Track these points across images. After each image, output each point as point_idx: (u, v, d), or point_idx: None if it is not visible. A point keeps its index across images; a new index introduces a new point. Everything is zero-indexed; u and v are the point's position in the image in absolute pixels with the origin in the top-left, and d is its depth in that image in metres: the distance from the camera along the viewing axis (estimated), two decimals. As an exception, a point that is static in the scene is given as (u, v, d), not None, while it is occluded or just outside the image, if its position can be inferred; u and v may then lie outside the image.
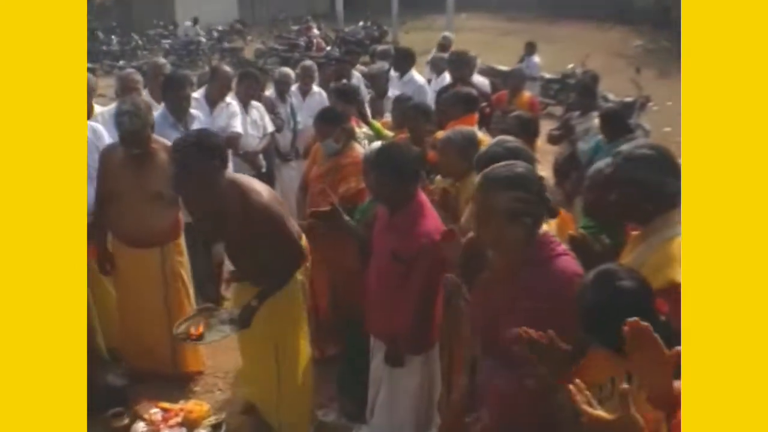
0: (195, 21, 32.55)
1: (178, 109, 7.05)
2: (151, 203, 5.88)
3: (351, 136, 6.35)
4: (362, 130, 7.10)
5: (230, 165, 5.95)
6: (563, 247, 3.47)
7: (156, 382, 6.25)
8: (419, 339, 4.86)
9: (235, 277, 5.55)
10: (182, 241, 6.36)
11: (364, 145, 6.50)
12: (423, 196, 4.83)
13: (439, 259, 4.45)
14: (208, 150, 4.63)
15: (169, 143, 5.79)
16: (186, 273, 6.39)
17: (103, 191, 5.96)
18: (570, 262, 3.39)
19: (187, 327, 5.04)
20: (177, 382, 6.42)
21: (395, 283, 4.74)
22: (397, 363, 4.89)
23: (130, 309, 6.30)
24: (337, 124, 6.20)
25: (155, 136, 6.04)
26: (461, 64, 9.28)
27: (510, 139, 4.56)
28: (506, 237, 3.36)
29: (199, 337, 4.98)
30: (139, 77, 7.81)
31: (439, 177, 5.65)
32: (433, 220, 4.71)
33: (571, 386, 2.50)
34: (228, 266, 6.43)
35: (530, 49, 17.39)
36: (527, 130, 6.14)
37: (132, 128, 5.70)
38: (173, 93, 7.07)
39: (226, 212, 4.80)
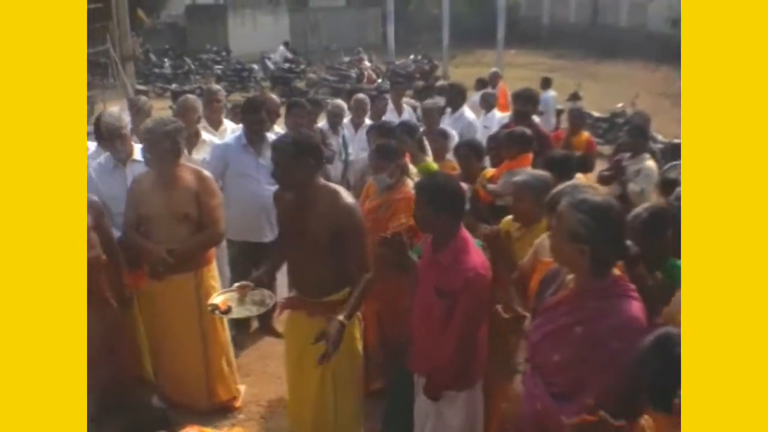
0: (287, 44, 33.00)
1: (252, 132, 7.21)
2: (181, 224, 5.92)
3: (404, 171, 6.34)
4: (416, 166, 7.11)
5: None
6: (636, 293, 3.47)
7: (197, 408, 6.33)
8: (461, 375, 4.83)
9: (292, 304, 5.44)
10: (215, 265, 6.41)
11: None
12: (466, 232, 4.82)
13: (482, 295, 4.57)
14: (303, 149, 4.83)
15: (192, 166, 6.14)
16: None
17: (134, 217, 6.01)
18: (637, 308, 3.39)
19: (220, 300, 5.14)
20: (219, 410, 6.48)
21: (438, 319, 4.72)
22: (435, 396, 4.88)
23: (163, 337, 6.28)
24: (392, 160, 6.22)
25: (185, 161, 6.20)
26: (526, 102, 9.22)
27: (585, 182, 4.60)
28: (569, 258, 3.42)
29: (226, 311, 5.08)
30: (198, 103, 7.89)
31: (508, 218, 5.58)
32: (477, 256, 4.71)
33: None
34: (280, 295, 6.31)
35: (546, 84, 17.32)
36: (583, 169, 6.14)
37: (149, 137, 5.83)
38: (247, 117, 7.25)
39: (313, 211, 4.92)
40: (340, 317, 4.74)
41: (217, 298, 5.17)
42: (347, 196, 4.97)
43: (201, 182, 6.02)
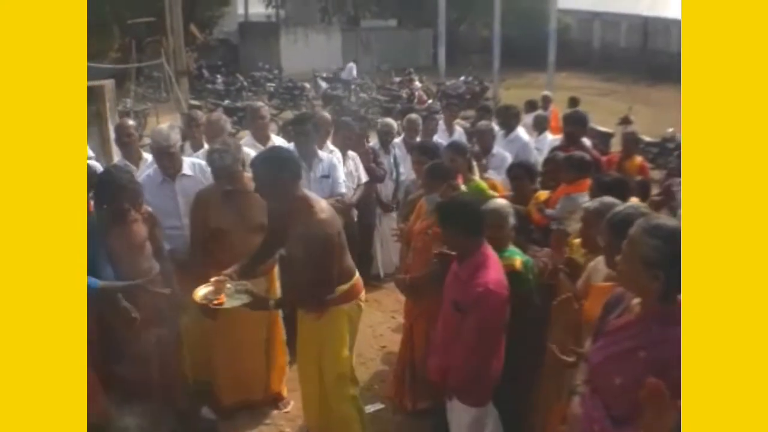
0: (356, 61, 33.25)
1: (299, 144, 7.42)
2: (256, 234, 6.04)
3: (456, 191, 6.36)
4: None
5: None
6: None
7: (243, 419, 6.57)
8: (471, 387, 5.04)
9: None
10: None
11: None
12: (489, 250, 5.02)
13: (495, 311, 4.81)
14: (278, 164, 5.18)
15: None
16: None
17: (203, 230, 6.24)
18: None
19: (207, 295, 5.25)
20: (264, 418, 6.70)
21: (453, 330, 4.98)
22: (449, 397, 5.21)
23: (230, 339, 6.42)
24: (444, 180, 6.27)
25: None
26: (577, 124, 9.16)
27: (642, 205, 4.58)
28: (640, 283, 3.38)
29: (220, 305, 5.21)
30: (224, 121, 8.17)
31: (577, 242, 5.57)
32: (495, 273, 4.88)
33: None
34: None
35: (573, 104, 17.30)
36: (641, 195, 6.08)
37: (222, 164, 6.03)
38: (296, 127, 7.54)
39: (290, 222, 5.26)
40: (271, 301, 5.58)
41: (202, 292, 5.28)
42: (320, 212, 5.16)
43: None
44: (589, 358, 3.80)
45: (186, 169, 6.69)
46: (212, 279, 5.32)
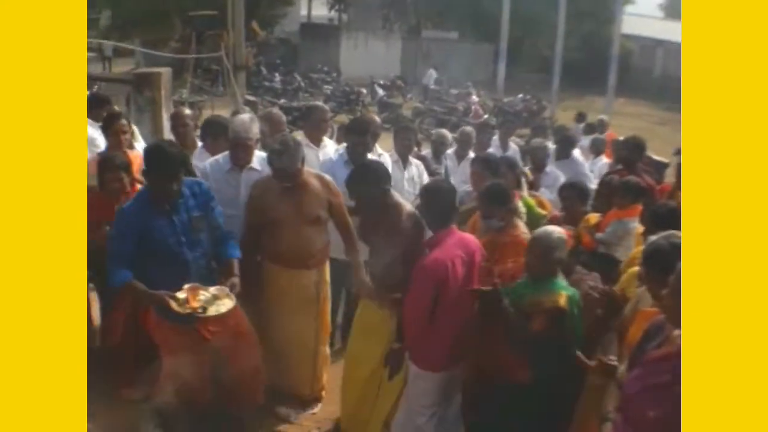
0: (436, 69, 33.38)
1: (353, 153, 7.37)
2: (311, 227, 6.27)
3: (515, 213, 6.25)
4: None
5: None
6: None
7: (268, 419, 6.56)
8: (417, 351, 5.47)
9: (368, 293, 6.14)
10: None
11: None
12: (452, 234, 5.45)
13: (424, 284, 5.21)
14: (375, 180, 5.72)
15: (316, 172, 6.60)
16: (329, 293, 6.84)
17: (259, 220, 6.27)
18: None
19: (185, 302, 5.24)
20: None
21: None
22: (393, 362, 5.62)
23: (279, 328, 6.45)
24: (504, 205, 6.09)
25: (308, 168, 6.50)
26: (634, 149, 9.06)
27: (678, 234, 4.45)
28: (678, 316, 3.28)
29: (203, 311, 5.24)
30: (282, 117, 8.20)
31: (632, 273, 5.42)
32: (439, 252, 5.28)
33: None
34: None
35: (580, 118, 17.50)
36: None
37: (281, 165, 6.05)
38: (353, 138, 7.46)
39: (383, 227, 5.69)
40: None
41: (182, 297, 5.27)
42: (406, 211, 5.81)
43: (327, 186, 6.44)
44: (625, 386, 3.72)
45: (255, 163, 6.74)
46: (186, 286, 5.34)
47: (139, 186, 6.45)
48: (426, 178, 8.15)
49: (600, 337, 5.03)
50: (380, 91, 29.85)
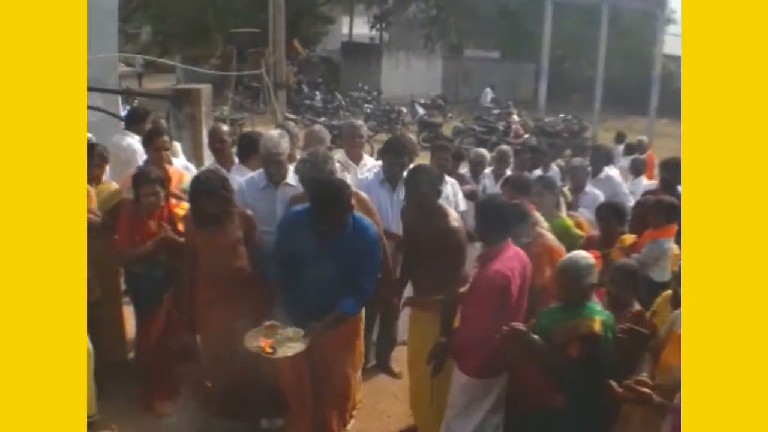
0: (492, 87, 33.45)
1: (389, 172, 7.40)
2: None
3: (535, 223, 6.39)
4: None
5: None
6: None
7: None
8: (468, 357, 5.64)
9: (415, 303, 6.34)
10: None
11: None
12: (509, 246, 5.62)
13: (491, 293, 5.36)
14: (430, 180, 6.11)
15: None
16: None
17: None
18: None
19: (257, 341, 5.42)
20: None
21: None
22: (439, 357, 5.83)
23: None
24: (525, 222, 6.25)
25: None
26: (674, 170, 9.03)
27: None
28: None
29: (272, 352, 5.39)
30: (326, 134, 8.19)
31: (666, 296, 5.50)
32: (500, 264, 5.43)
33: None
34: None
35: (620, 139, 17.70)
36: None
37: (305, 174, 6.09)
38: (389, 157, 7.46)
39: (428, 226, 6.01)
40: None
41: (252, 342, 5.45)
42: (454, 219, 6.11)
43: (362, 203, 6.42)
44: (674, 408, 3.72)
45: (290, 179, 6.75)
46: (265, 323, 5.58)
47: (174, 201, 6.59)
48: (461, 198, 8.17)
49: (631, 365, 4.99)
50: (420, 110, 29.83)
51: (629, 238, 7.08)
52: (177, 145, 8.65)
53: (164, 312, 6.58)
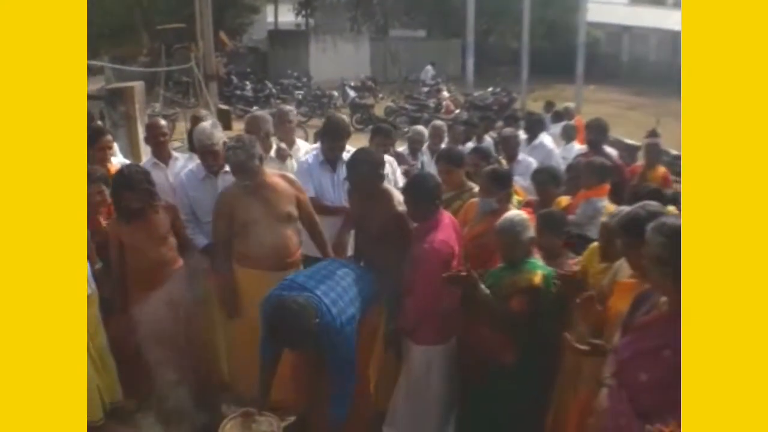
0: (433, 64, 33.75)
1: (329, 154, 7.39)
2: (285, 225, 6.36)
3: (509, 199, 6.46)
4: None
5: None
6: None
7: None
8: (421, 328, 5.75)
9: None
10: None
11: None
12: (444, 215, 5.88)
13: (437, 264, 5.45)
14: (373, 164, 6.14)
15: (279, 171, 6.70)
16: None
17: (228, 226, 6.33)
18: None
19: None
20: None
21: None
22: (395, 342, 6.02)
23: (246, 340, 6.22)
24: (504, 187, 6.36)
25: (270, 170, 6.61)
26: (598, 131, 9.32)
27: (653, 203, 4.62)
28: (657, 281, 3.53)
29: None
30: (267, 120, 8.12)
31: (592, 248, 5.67)
32: (441, 234, 5.62)
33: None
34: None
35: (549, 107, 17.82)
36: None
37: (237, 160, 6.15)
38: (328, 140, 7.45)
39: (373, 210, 6.13)
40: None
41: (228, 426, 5.21)
42: (399, 203, 6.10)
43: (292, 183, 6.56)
44: (617, 352, 3.88)
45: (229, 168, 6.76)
46: (242, 410, 5.32)
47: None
48: (399, 176, 8.24)
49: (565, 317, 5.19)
50: (351, 93, 29.82)
51: (564, 200, 7.29)
52: (115, 145, 8.67)
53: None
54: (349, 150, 7.93)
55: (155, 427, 6.16)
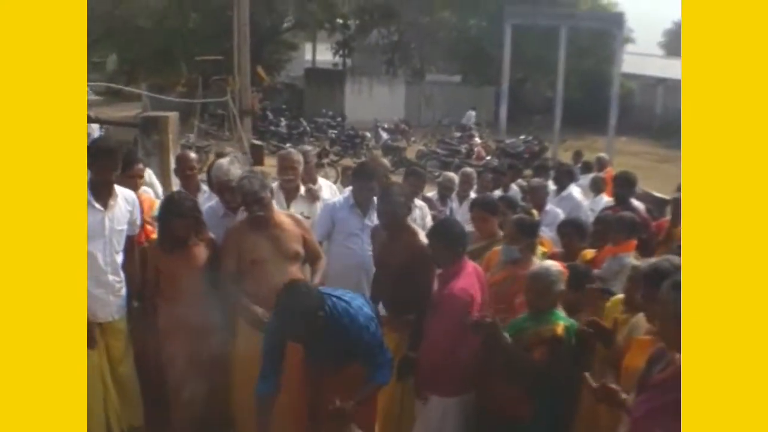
0: (474, 109, 34.12)
1: (360, 196, 7.34)
2: (292, 264, 6.31)
3: (533, 250, 6.41)
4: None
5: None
6: None
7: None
8: (438, 380, 5.68)
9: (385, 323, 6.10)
10: None
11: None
12: (467, 263, 5.82)
13: (457, 311, 5.44)
14: (402, 201, 6.34)
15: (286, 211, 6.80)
16: None
17: (235, 264, 6.28)
18: None
19: None
20: None
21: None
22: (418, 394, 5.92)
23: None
24: (529, 236, 6.34)
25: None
26: (625, 185, 9.28)
27: (676, 258, 4.60)
28: (674, 338, 3.48)
29: None
30: (299, 158, 8.02)
31: (616, 299, 5.66)
32: (462, 281, 5.60)
33: None
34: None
35: (577, 157, 17.80)
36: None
37: (251, 189, 6.12)
38: (359, 182, 7.40)
39: (398, 245, 6.29)
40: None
41: None
42: (423, 238, 6.19)
43: (299, 223, 6.58)
44: (633, 411, 3.85)
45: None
46: None
47: (149, 228, 6.67)
48: (429, 221, 8.20)
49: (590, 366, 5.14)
50: (384, 135, 29.98)
51: (589, 253, 7.20)
52: (150, 172, 8.72)
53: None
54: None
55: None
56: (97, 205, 5.92)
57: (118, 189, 6.27)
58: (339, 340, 5.14)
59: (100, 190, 5.91)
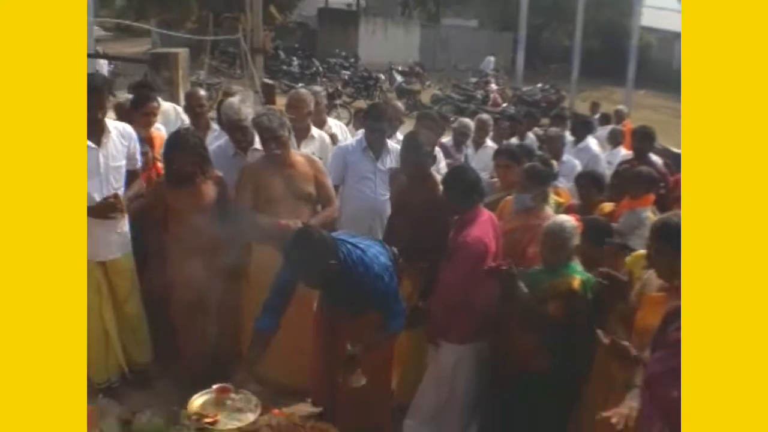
0: (493, 55, 33.94)
1: (373, 139, 7.27)
2: (304, 204, 6.31)
3: (545, 199, 6.31)
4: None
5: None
6: None
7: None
8: (452, 326, 5.64)
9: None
10: None
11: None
12: (482, 211, 5.75)
13: (471, 259, 5.43)
14: (423, 148, 6.27)
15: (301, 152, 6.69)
16: None
17: (250, 202, 6.24)
18: None
19: (202, 407, 4.81)
20: None
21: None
22: (431, 340, 5.87)
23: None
24: (542, 184, 6.22)
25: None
26: (644, 139, 9.13)
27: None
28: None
29: (214, 422, 4.67)
30: (310, 97, 7.80)
31: (638, 254, 5.46)
32: (477, 230, 5.53)
33: None
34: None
35: (594, 108, 17.60)
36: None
37: (270, 126, 6.08)
38: (369, 122, 7.36)
39: (420, 192, 6.23)
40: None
41: (197, 403, 4.84)
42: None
43: (313, 164, 6.48)
44: (649, 366, 3.74)
45: (258, 144, 6.70)
46: (216, 386, 4.93)
47: (160, 164, 6.58)
48: (443, 166, 8.11)
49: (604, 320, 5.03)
50: (398, 78, 29.77)
51: (608, 207, 7.14)
52: (179, 109, 8.54)
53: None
54: (399, 139, 7.82)
55: (171, 393, 6.00)
56: (90, 143, 5.72)
57: (113, 124, 6.13)
58: (352, 288, 5.08)
59: (90, 129, 5.61)
